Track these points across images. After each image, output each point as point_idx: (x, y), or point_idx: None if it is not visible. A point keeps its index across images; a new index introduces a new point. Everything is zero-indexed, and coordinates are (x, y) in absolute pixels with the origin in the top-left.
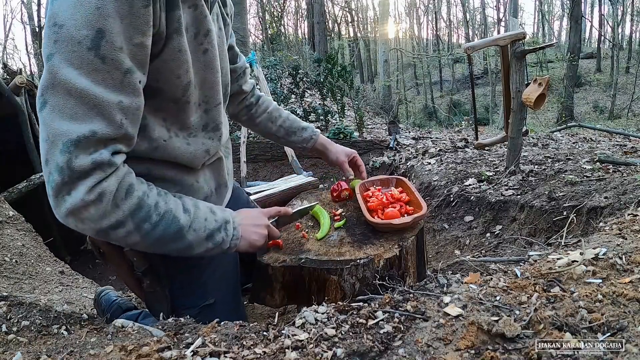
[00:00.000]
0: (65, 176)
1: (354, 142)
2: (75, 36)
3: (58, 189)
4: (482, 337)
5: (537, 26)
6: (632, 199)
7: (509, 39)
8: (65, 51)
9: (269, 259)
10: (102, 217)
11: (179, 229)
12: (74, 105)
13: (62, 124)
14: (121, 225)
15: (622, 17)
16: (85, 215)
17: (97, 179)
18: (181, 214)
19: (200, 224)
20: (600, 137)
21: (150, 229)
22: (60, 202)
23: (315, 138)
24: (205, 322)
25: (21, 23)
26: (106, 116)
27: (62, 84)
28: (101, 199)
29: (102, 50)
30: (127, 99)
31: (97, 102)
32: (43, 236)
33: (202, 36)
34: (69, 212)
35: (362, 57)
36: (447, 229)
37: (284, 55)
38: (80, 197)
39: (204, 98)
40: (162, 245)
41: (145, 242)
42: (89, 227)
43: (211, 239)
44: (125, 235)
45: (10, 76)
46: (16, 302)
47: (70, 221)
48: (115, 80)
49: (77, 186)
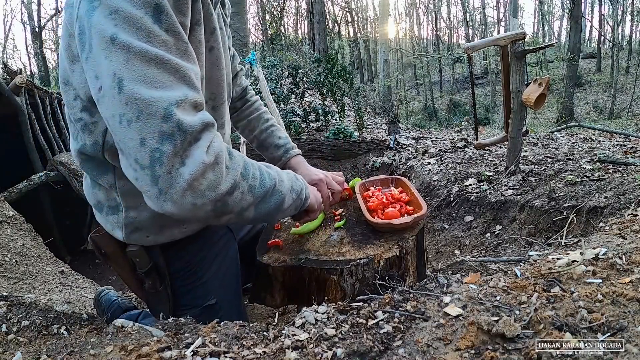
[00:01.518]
0: (177, 141)
1: (354, 142)
2: (136, 14)
3: (170, 162)
4: (482, 337)
5: (537, 26)
6: (632, 199)
7: (509, 39)
8: (130, 29)
9: (269, 259)
10: (220, 182)
11: (273, 182)
12: (157, 74)
13: (153, 93)
14: (237, 187)
15: (622, 17)
16: (205, 185)
17: (209, 140)
18: (268, 169)
19: (283, 176)
20: (600, 137)
21: (257, 185)
22: (175, 179)
23: (284, 160)
24: (206, 322)
25: (21, 23)
26: (188, 81)
27: (139, 54)
28: (218, 161)
29: (164, 24)
30: (196, 68)
31: (178, 68)
32: (43, 236)
33: (209, 34)
34: (188, 185)
35: (362, 57)
36: (447, 229)
37: (284, 55)
38: (200, 160)
39: (210, 95)
40: (265, 203)
41: (254, 201)
42: (209, 199)
43: (293, 189)
44: (241, 199)
45: (10, 76)
46: (16, 302)
47: (188, 199)
48: (181, 50)
49: (192, 151)
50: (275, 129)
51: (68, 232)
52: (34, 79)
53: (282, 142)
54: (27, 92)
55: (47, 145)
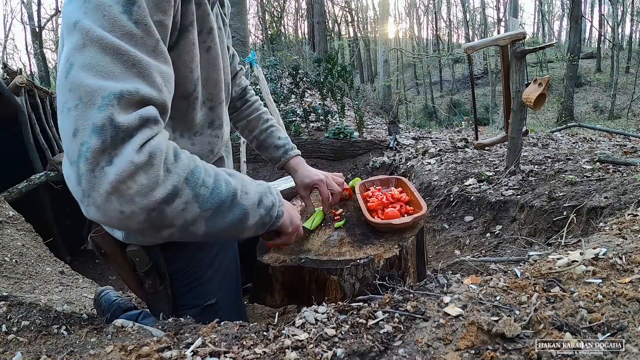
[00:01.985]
0: (107, 137)
1: (354, 142)
2: (106, 3)
3: (95, 159)
4: (482, 337)
5: (537, 26)
6: (632, 199)
7: (509, 39)
8: (96, 17)
9: (269, 259)
10: (155, 187)
11: (233, 193)
12: (109, 63)
13: (98, 81)
14: (178, 194)
15: (622, 17)
16: (134, 189)
17: (145, 137)
18: (229, 177)
19: (249, 187)
20: (600, 137)
21: (208, 194)
22: (99, 179)
23: (284, 160)
24: (206, 322)
25: (21, 23)
26: (147, 77)
27: (96, 41)
28: (152, 161)
29: (134, 15)
30: (163, 67)
31: (136, 62)
32: (43, 236)
33: (206, 34)
34: (113, 187)
35: (362, 57)
36: (447, 229)
37: (284, 55)
38: (128, 159)
39: (208, 96)
40: (220, 217)
41: (204, 213)
42: (139, 207)
43: (262, 203)
44: (184, 208)
45: (10, 76)
46: (16, 302)
47: (114, 205)
48: (149, 46)
49: (122, 149)
50: (275, 130)
51: (68, 232)
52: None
53: (281, 142)
54: (27, 92)
55: (47, 145)
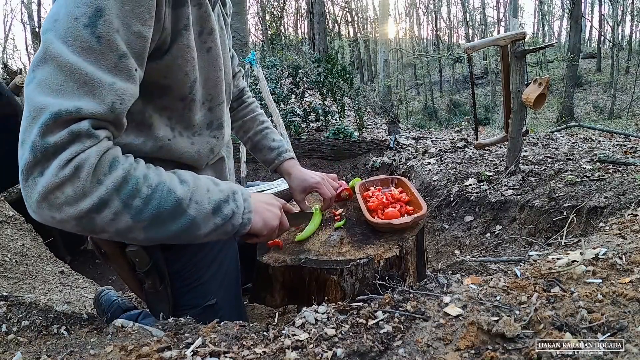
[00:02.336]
0: (37, 152)
1: (354, 142)
2: (73, 13)
3: (29, 171)
4: (482, 337)
5: (537, 26)
6: (632, 199)
7: (509, 39)
8: (61, 28)
9: (269, 259)
10: (81, 197)
11: (177, 202)
12: (62, 81)
13: (46, 99)
14: (105, 205)
15: (622, 17)
16: (62, 199)
17: (73, 152)
18: (177, 186)
19: (202, 195)
20: (600, 137)
21: (142, 205)
22: (32, 187)
23: (277, 163)
24: (206, 322)
25: (21, 23)
26: (96, 95)
27: (53, 58)
28: (78, 174)
29: (98, 29)
30: (121, 83)
31: (88, 80)
32: (43, 236)
33: (206, 34)
34: (41, 196)
35: (362, 57)
36: (447, 229)
37: (284, 55)
38: (53, 173)
39: (207, 96)
40: (159, 227)
41: (138, 224)
42: (67, 215)
43: (218, 212)
44: (114, 219)
45: (10, 76)
46: (16, 302)
47: (45, 212)
48: (109, 62)
49: (50, 163)
50: (269, 132)
51: (68, 232)
52: None
53: (275, 144)
54: None
55: None
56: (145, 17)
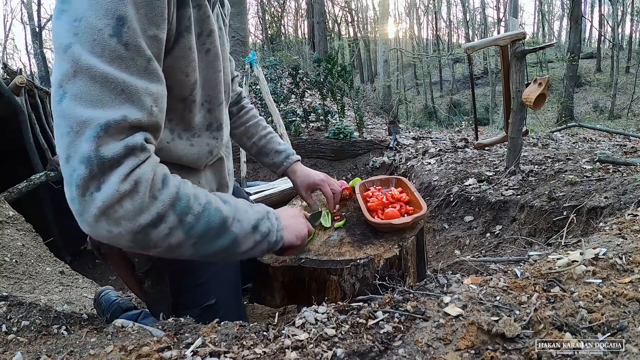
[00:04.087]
0: (94, 166)
1: (354, 142)
2: (96, 25)
3: (85, 185)
4: (482, 337)
5: (537, 26)
6: (632, 199)
7: (509, 39)
8: (86, 41)
9: (269, 259)
10: (140, 212)
11: (223, 220)
12: (99, 92)
13: (87, 111)
14: (162, 220)
15: (622, 17)
16: (120, 213)
17: (131, 166)
18: (221, 205)
19: (243, 215)
20: (600, 137)
21: (194, 221)
22: (89, 203)
23: (286, 165)
24: (206, 322)
25: (21, 23)
26: (136, 101)
27: (85, 70)
28: (137, 189)
29: (124, 37)
30: (154, 86)
31: (125, 87)
32: (43, 236)
33: (205, 36)
34: (100, 211)
35: (362, 57)
36: (447, 229)
37: (284, 55)
38: (113, 189)
39: (206, 98)
40: (207, 244)
41: (189, 240)
42: (125, 230)
43: (257, 230)
44: (168, 234)
45: (10, 76)
46: (16, 302)
47: (103, 225)
48: (139, 67)
49: (109, 177)
50: (274, 136)
51: (68, 232)
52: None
53: (282, 147)
54: (27, 92)
55: (47, 145)
56: (159, 21)
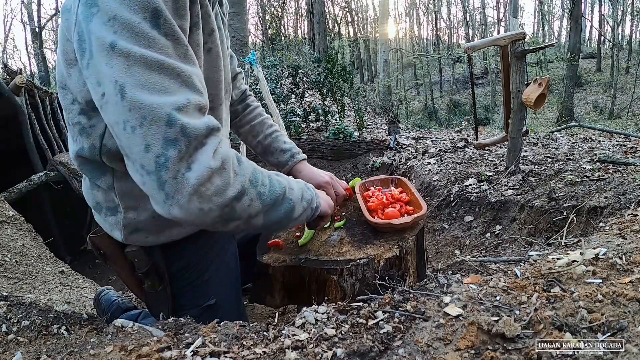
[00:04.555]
0: (182, 146)
1: (354, 142)
2: (134, 20)
3: (175, 168)
4: (482, 337)
5: (537, 26)
6: (632, 199)
7: (509, 39)
8: (129, 36)
9: (269, 259)
10: (227, 187)
11: (283, 190)
12: (158, 79)
13: (156, 98)
14: (245, 193)
15: (622, 17)
16: (212, 190)
17: (215, 144)
18: (278, 177)
19: (293, 184)
20: (600, 137)
21: (266, 192)
22: (181, 183)
23: (291, 164)
24: (206, 322)
25: (21, 23)
26: (190, 85)
27: (140, 61)
28: (224, 166)
29: (162, 28)
30: (195, 69)
31: (179, 72)
32: (43, 236)
33: (207, 35)
34: (194, 190)
35: (362, 57)
36: (447, 229)
37: (284, 55)
38: (206, 165)
39: (209, 97)
40: (275, 211)
41: (264, 208)
42: (216, 205)
43: (304, 197)
44: (249, 205)
45: (10, 76)
46: (16, 302)
47: (195, 204)
48: (181, 53)
49: (198, 156)
50: (280, 134)
51: (68, 232)
52: (34, 79)
53: (288, 146)
54: (27, 92)
55: (47, 145)
56: (183, 12)
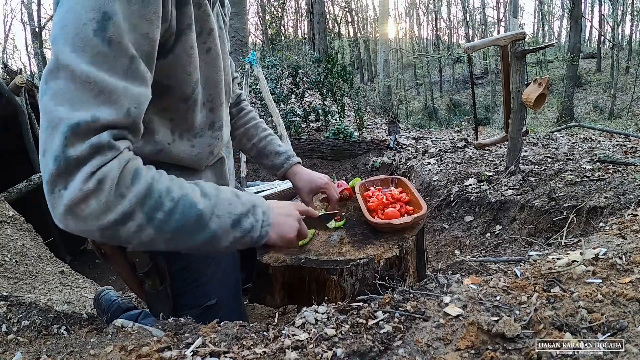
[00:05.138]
0: (61, 164)
1: (354, 142)
2: (81, 19)
3: (53, 182)
4: (482, 337)
5: (537, 26)
6: (632, 199)
7: (509, 39)
8: (69, 34)
9: (269, 259)
10: (106, 210)
11: (198, 216)
12: (76, 91)
13: (62, 110)
14: (129, 217)
15: (622, 17)
16: (86, 211)
17: (95, 165)
18: (199, 199)
19: (224, 209)
20: (600, 137)
21: (164, 218)
22: (57, 199)
23: (286, 167)
24: (206, 322)
25: (21, 23)
26: (112, 102)
27: (65, 68)
28: (101, 187)
29: (108, 34)
30: (134, 87)
31: (103, 88)
32: (43, 236)
33: (206, 35)
34: (67, 209)
35: (362, 57)
36: (447, 229)
37: (284, 55)
38: (77, 187)
39: (208, 97)
40: (181, 239)
41: (161, 236)
42: (93, 227)
43: (238, 226)
44: (137, 231)
45: (10, 76)
46: (16, 302)
47: (71, 223)
48: (121, 67)
49: (74, 176)
50: (274, 138)
51: (68, 232)
52: (34, 79)
53: (282, 149)
54: (27, 92)
55: None
56: (153, 18)
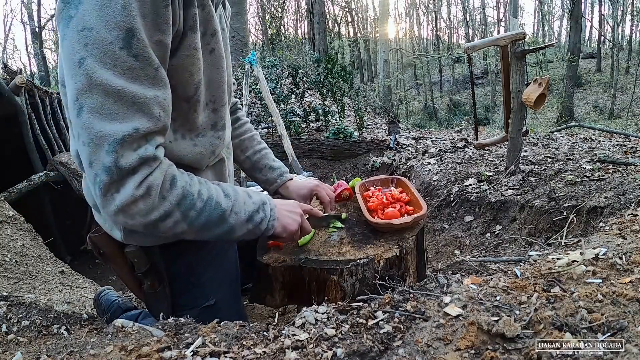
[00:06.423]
0: (113, 175)
1: (354, 142)
2: (107, 37)
3: (106, 189)
4: (482, 337)
5: (537, 26)
6: (632, 199)
7: (509, 39)
8: (97, 53)
9: (269, 259)
10: (151, 211)
11: (221, 214)
12: (112, 105)
13: (104, 126)
14: (169, 216)
15: (622, 17)
16: (135, 211)
17: (144, 174)
18: (222, 199)
19: (240, 207)
20: (600, 137)
21: (196, 216)
22: (109, 201)
23: (280, 182)
24: (206, 322)
25: (21, 23)
26: (146, 112)
27: (99, 85)
28: (149, 193)
29: (134, 49)
30: (161, 93)
31: (136, 100)
32: (43, 236)
33: (209, 36)
34: (118, 209)
35: (362, 57)
36: (447, 229)
37: (284, 55)
38: (129, 193)
39: (211, 97)
40: (206, 231)
41: (191, 229)
42: (138, 222)
43: (251, 220)
44: (173, 226)
45: (10, 76)
46: (16, 302)
47: (120, 218)
48: (149, 76)
49: (125, 183)
50: (269, 152)
51: (68, 232)
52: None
53: (277, 164)
54: (27, 92)
55: (47, 145)
56: (164, 28)
